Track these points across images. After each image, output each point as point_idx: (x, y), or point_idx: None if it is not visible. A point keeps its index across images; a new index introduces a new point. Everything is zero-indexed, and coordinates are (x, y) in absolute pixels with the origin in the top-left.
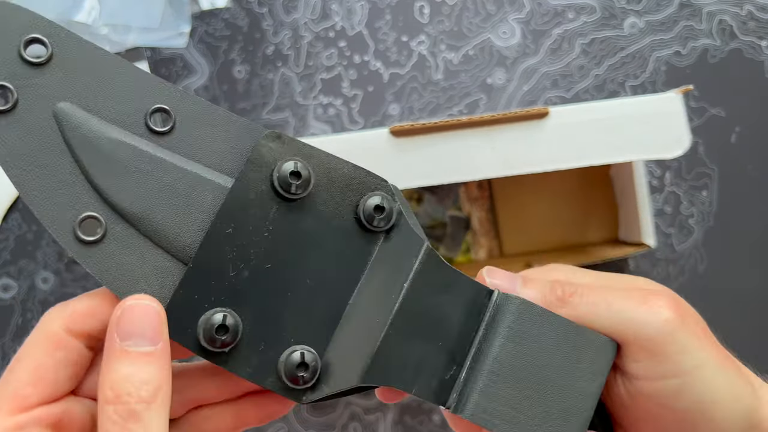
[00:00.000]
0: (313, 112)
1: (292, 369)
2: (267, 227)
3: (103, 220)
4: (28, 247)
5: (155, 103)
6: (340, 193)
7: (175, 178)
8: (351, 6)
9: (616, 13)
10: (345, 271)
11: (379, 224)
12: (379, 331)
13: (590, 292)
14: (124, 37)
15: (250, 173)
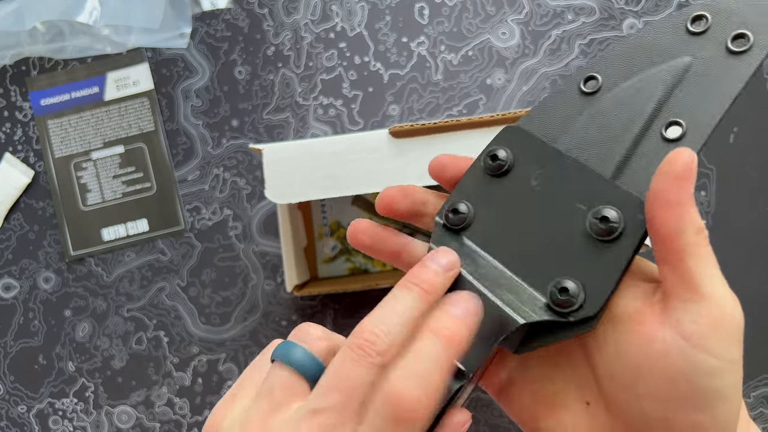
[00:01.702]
0: (313, 113)
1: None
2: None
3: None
4: (30, 246)
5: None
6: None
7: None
8: (351, 7)
9: (614, 14)
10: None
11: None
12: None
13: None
14: (125, 38)
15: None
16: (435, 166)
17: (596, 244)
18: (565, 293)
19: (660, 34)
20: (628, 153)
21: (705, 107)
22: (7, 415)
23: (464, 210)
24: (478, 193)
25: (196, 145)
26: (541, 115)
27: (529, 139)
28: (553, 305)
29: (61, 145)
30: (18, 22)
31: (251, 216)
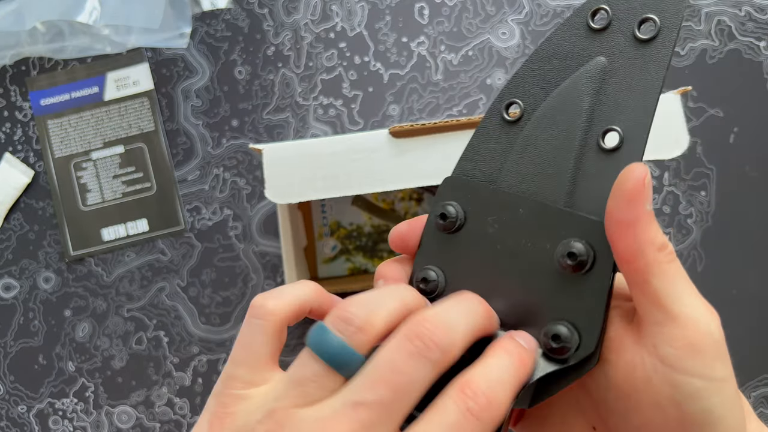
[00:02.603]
0: (313, 113)
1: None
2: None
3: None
4: (30, 246)
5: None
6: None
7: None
8: (351, 7)
9: None
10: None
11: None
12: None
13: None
14: (125, 38)
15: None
16: (395, 239)
17: (572, 280)
18: (558, 340)
19: (564, 40)
20: (573, 175)
21: (635, 106)
22: (7, 415)
23: (434, 277)
24: (440, 255)
25: (196, 145)
26: (474, 157)
27: (472, 186)
28: (550, 354)
29: (61, 145)
30: (18, 22)
31: (251, 216)
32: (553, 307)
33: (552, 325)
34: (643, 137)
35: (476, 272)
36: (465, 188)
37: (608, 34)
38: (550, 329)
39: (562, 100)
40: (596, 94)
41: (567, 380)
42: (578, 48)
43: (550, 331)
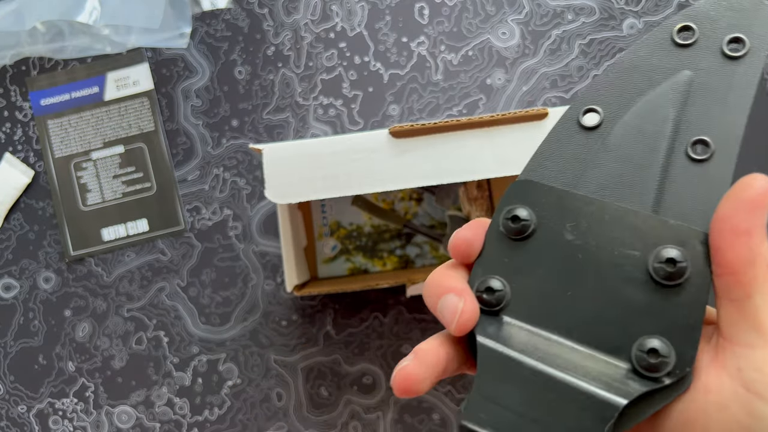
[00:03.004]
0: (313, 113)
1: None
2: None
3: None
4: (30, 246)
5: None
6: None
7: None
8: (351, 7)
9: (614, 14)
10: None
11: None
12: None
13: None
14: (125, 38)
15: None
16: (460, 245)
17: (666, 292)
18: (655, 355)
19: (649, 53)
20: (659, 183)
21: (725, 119)
22: (7, 415)
23: (499, 287)
24: (506, 263)
25: (196, 145)
26: (546, 162)
27: (546, 190)
28: (643, 371)
29: (61, 145)
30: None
31: (251, 216)
32: (646, 320)
33: (646, 339)
34: (734, 149)
35: (549, 282)
36: (539, 192)
37: (695, 50)
38: (644, 343)
39: (648, 109)
40: (682, 105)
41: (655, 404)
42: (663, 61)
43: (645, 345)
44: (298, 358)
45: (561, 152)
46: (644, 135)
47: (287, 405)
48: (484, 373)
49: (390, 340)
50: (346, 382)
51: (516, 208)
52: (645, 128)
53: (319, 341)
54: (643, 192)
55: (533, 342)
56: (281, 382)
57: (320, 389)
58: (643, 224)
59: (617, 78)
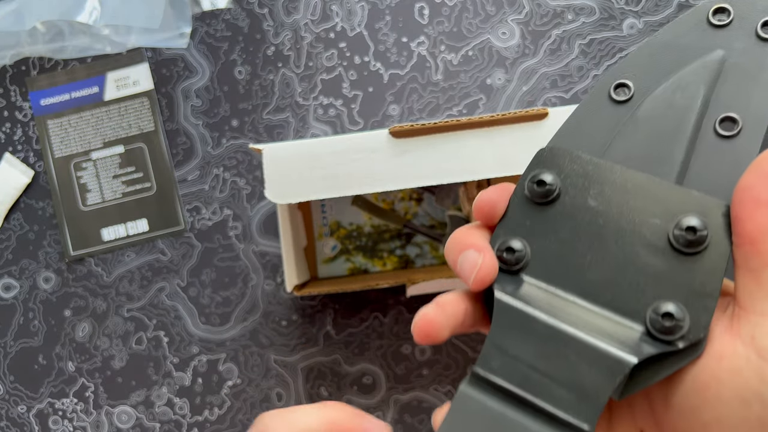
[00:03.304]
0: (313, 113)
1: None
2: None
3: None
4: (30, 246)
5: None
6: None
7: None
8: (351, 7)
9: (615, 14)
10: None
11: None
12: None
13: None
14: (125, 38)
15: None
16: (484, 206)
17: (684, 259)
18: (669, 318)
19: (683, 32)
20: (685, 157)
21: (754, 99)
22: (7, 415)
23: (519, 247)
24: (528, 226)
25: (196, 145)
26: (575, 132)
27: (573, 157)
28: (657, 333)
29: (60, 145)
30: (18, 22)
31: (251, 216)
32: (663, 285)
33: (662, 302)
34: (763, 127)
35: (569, 246)
36: (565, 158)
37: (729, 30)
38: (659, 306)
39: (679, 85)
40: (713, 83)
41: (667, 369)
42: (697, 41)
43: (660, 308)
44: (298, 358)
45: (589, 123)
46: (673, 109)
47: (287, 405)
48: (499, 326)
49: (390, 340)
50: (346, 382)
51: (542, 173)
52: (675, 103)
53: (319, 341)
54: (668, 164)
55: (549, 300)
56: (281, 382)
57: (320, 389)
58: (666, 193)
59: (650, 54)
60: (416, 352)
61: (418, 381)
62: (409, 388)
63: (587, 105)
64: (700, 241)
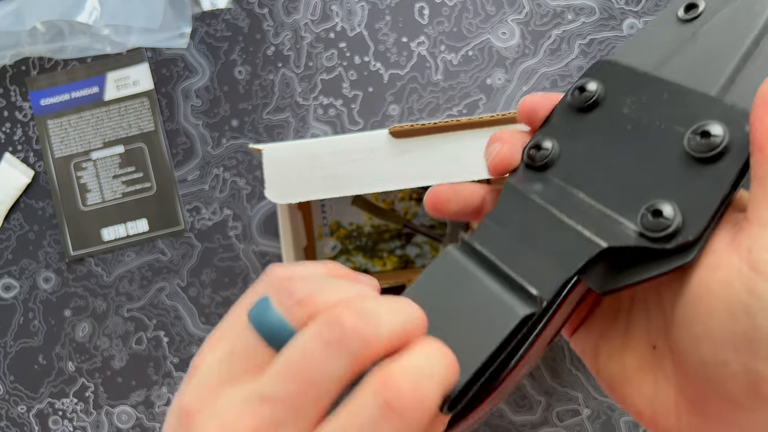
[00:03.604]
0: (313, 113)
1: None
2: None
3: None
4: (30, 246)
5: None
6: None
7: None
8: (351, 7)
9: (615, 14)
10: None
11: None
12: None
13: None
14: (125, 38)
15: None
16: (527, 108)
17: (696, 165)
18: (657, 215)
19: None
20: (734, 71)
21: None
22: (7, 415)
23: (548, 146)
24: (564, 130)
25: (196, 145)
26: (635, 47)
27: (623, 69)
28: (644, 230)
29: (60, 145)
30: (18, 22)
31: (251, 216)
32: (665, 186)
33: (657, 201)
34: None
35: (594, 150)
36: (614, 70)
37: None
38: (654, 204)
39: (744, 5)
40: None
41: (653, 269)
42: None
43: (652, 206)
44: None
45: (651, 40)
46: (734, 27)
47: None
48: (499, 205)
49: None
50: None
51: (587, 82)
52: (737, 21)
53: None
54: (714, 77)
55: (557, 194)
56: None
57: None
58: (697, 102)
59: None
60: None
61: None
62: None
63: (655, 22)
64: (711, 146)
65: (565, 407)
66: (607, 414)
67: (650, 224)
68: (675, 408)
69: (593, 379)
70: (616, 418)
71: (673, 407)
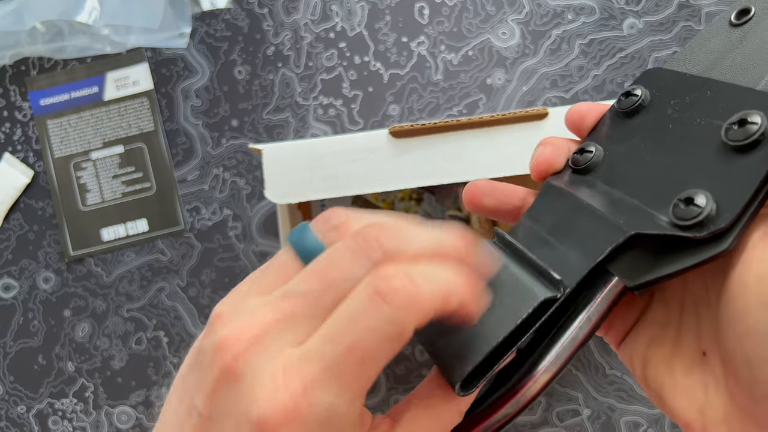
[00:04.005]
0: (313, 113)
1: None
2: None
3: None
4: (30, 247)
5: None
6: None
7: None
8: (351, 7)
9: (615, 13)
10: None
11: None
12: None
13: None
14: (125, 38)
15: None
16: (575, 116)
17: (733, 155)
18: (688, 203)
19: None
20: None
21: None
22: (7, 415)
23: (591, 150)
24: (609, 135)
25: (195, 145)
26: (686, 55)
27: (670, 74)
28: (674, 219)
29: (60, 145)
30: (17, 22)
31: (251, 216)
32: (700, 177)
33: (689, 190)
34: None
35: (636, 151)
36: (663, 76)
37: None
38: (685, 193)
39: None
40: None
41: (687, 260)
42: None
43: (684, 195)
44: None
45: (702, 46)
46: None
47: None
48: (536, 203)
49: None
50: None
51: (635, 88)
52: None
53: None
54: (760, 72)
55: (595, 193)
56: None
57: None
58: (739, 96)
59: None
60: (416, 352)
61: (418, 381)
62: (409, 388)
63: (707, 30)
64: (747, 134)
65: (565, 407)
66: (607, 414)
67: (682, 213)
68: (726, 418)
69: (593, 379)
70: (616, 419)
71: (724, 417)
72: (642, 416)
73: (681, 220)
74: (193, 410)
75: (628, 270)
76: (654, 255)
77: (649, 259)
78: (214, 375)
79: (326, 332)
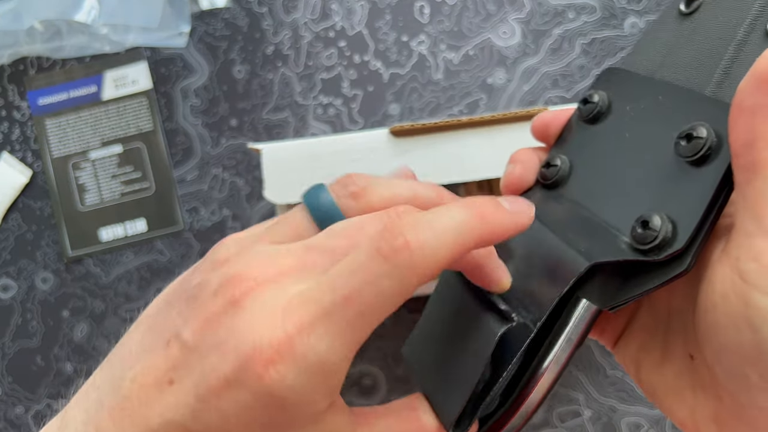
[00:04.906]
0: (313, 112)
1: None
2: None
3: None
4: (28, 247)
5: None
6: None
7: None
8: (351, 6)
9: (616, 12)
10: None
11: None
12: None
13: None
14: (124, 37)
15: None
16: (539, 126)
17: (686, 168)
18: (645, 227)
19: None
20: (729, 63)
21: None
22: (5, 416)
23: (557, 163)
24: (575, 144)
25: (194, 144)
26: (640, 49)
27: (625, 75)
28: (635, 243)
29: (59, 144)
30: (16, 21)
31: (250, 216)
32: (657, 195)
33: (646, 212)
34: None
35: (601, 162)
36: (618, 77)
37: None
38: (643, 215)
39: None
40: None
41: (651, 282)
42: None
43: (641, 217)
44: None
45: (654, 39)
46: (729, 13)
47: None
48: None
49: (390, 341)
50: (345, 384)
51: (592, 94)
52: (733, 6)
53: None
54: (708, 72)
55: (561, 211)
56: None
57: None
58: (688, 103)
59: None
60: None
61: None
62: (409, 389)
63: (658, 21)
64: (695, 149)
65: (566, 408)
66: (608, 415)
67: (639, 237)
68: (715, 418)
69: (594, 380)
70: (617, 420)
71: (714, 417)
72: (643, 417)
73: (640, 244)
74: (173, 341)
75: (597, 293)
76: (621, 276)
77: (618, 281)
78: (216, 305)
79: (328, 280)
